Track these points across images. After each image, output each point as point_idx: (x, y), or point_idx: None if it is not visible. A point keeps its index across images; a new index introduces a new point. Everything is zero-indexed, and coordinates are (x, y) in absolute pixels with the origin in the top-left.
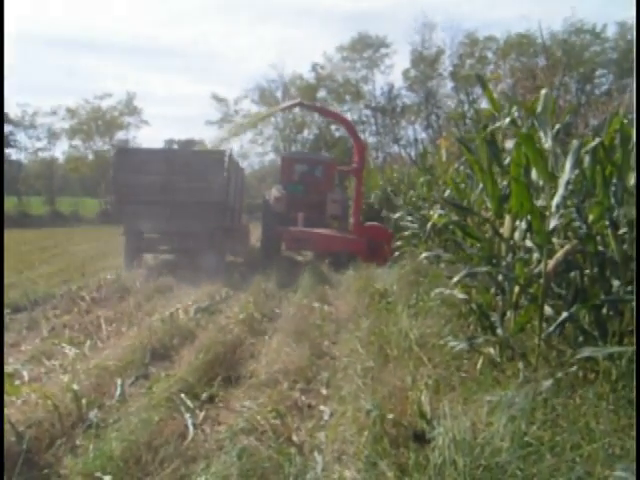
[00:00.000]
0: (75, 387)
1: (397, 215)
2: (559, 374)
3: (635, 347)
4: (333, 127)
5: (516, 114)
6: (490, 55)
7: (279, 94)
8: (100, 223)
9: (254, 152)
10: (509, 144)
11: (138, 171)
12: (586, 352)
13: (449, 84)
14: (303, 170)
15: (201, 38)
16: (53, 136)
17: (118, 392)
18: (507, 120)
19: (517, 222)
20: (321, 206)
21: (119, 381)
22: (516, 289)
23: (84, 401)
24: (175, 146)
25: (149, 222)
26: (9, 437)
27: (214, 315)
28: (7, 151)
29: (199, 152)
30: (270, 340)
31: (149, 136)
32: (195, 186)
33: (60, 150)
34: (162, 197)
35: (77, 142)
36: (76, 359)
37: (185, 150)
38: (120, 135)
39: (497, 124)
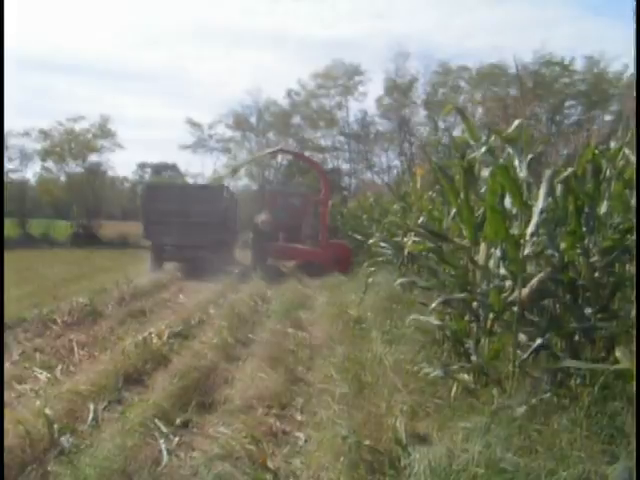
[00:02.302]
0: (47, 412)
1: (371, 241)
2: (533, 400)
3: (635, 348)
4: (307, 153)
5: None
6: (463, 84)
7: (253, 119)
8: (72, 246)
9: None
10: (485, 172)
11: (162, 200)
12: (568, 363)
13: (422, 112)
14: (285, 200)
15: (176, 62)
16: (25, 157)
17: (91, 417)
18: (483, 149)
19: (492, 249)
20: (298, 228)
21: (92, 406)
22: (490, 316)
23: (56, 426)
24: (147, 169)
25: (169, 237)
26: None
27: (188, 340)
28: None
29: (205, 186)
30: (244, 365)
31: (123, 159)
32: (202, 211)
33: (32, 172)
34: (178, 219)
35: (49, 164)
36: (48, 383)
37: (195, 185)
38: (93, 158)
39: (475, 153)
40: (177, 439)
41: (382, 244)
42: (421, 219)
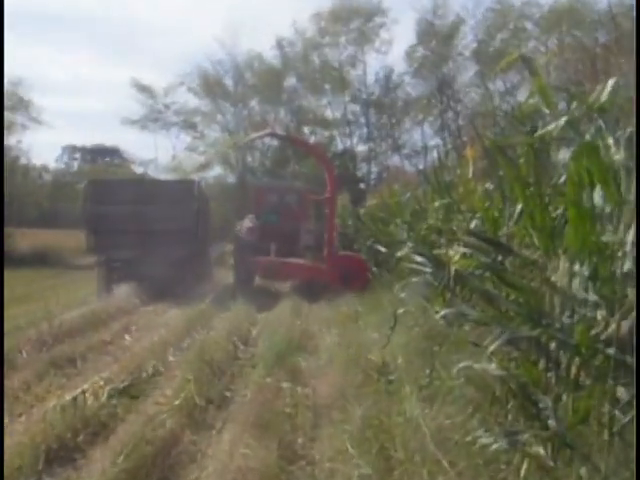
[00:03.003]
0: None
1: (401, 253)
2: None
3: (635, 348)
4: (306, 129)
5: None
6: (530, 27)
7: (229, 81)
8: None
9: (190, 164)
10: (564, 154)
11: (111, 202)
12: None
13: (471, 67)
14: (276, 200)
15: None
16: None
17: None
18: (562, 121)
19: (576, 265)
20: (294, 236)
21: None
22: (576, 361)
23: None
24: (77, 154)
25: (121, 250)
26: None
27: (137, 400)
28: None
29: (169, 183)
30: (219, 437)
31: (42, 140)
32: (166, 215)
33: None
34: (133, 226)
35: None
36: None
37: (156, 181)
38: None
39: (549, 126)
40: None
41: (417, 258)
42: (473, 223)
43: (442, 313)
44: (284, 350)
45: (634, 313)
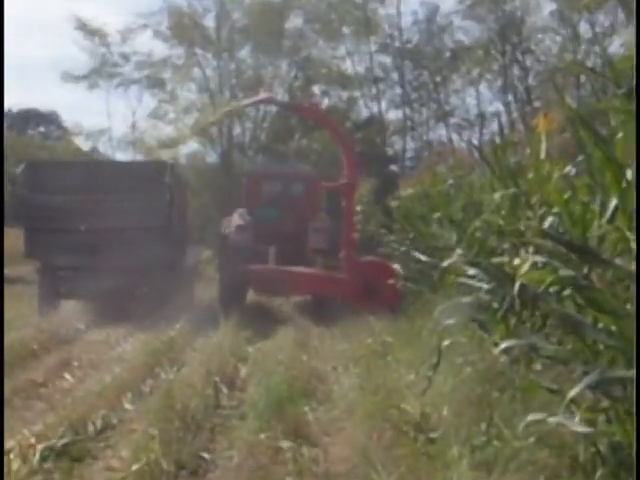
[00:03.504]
0: None
1: (447, 263)
2: None
3: (635, 348)
4: (317, 89)
5: None
6: None
7: (210, 23)
8: None
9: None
10: None
11: (56, 191)
12: None
13: (547, 6)
14: (276, 189)
15: None
16: None
17: None
18: None
19: None
20: (301, 237)
21: None
22: None
23: None
24: None
25: (69, 256)
26: None
27: (81, 463)
28: None
29: (131, 164)
30: None
31: None
32: (129, 208)
33: None
34: (85, 223)
35: None
36: None
37: (116, 162)
38: None
39: None
40: None
41: (469, 270)
42: (548, 221)
43: (504, 346)
44: (285, 396)
45: None
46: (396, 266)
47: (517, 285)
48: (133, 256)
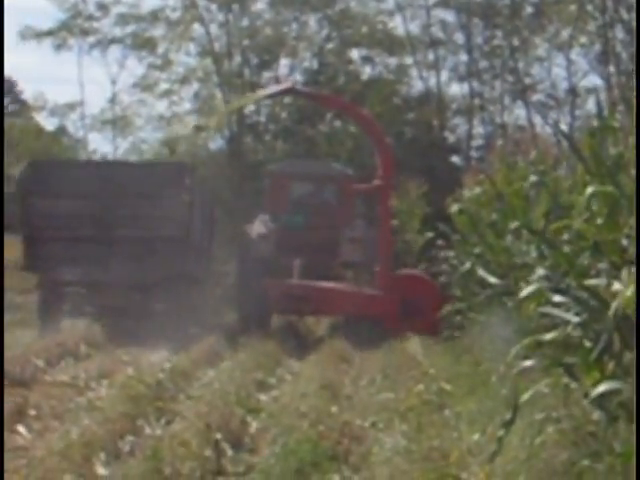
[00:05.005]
0: None
1: (527, 291)
2: None
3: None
4: (356, 54)
5: None
6: None
7: None
8: None
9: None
10: None
11: (60, 195)
12: None
13: None
14: (304, 192)
15: None
16: None
17: None
18: None
19: None
20: (331, 248)
21: None
22: None
23: None
24: None
25: (74, 269)
26: None
27: None
28: None
29: (147, 165)
30: None
31: None
32: (141, 214)
33: None
34: (93, 231)
35: None
36: None
37: (127, 163)
38: None
39: None
40: None
41: (555, 298)
42: None
43: (600, 390)
44: (308, 461)
45: None
46: (455, 289)
47: (620, 312)
48: (146, 270)
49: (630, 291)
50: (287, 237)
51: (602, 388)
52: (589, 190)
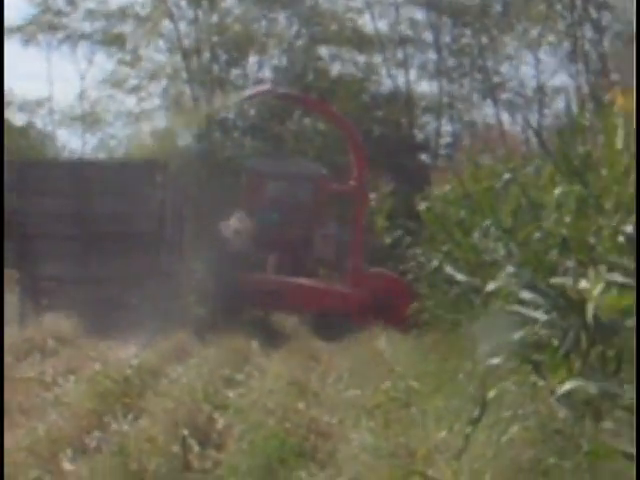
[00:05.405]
0: None
1: (494, 286)
2: None
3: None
4: (325, 51)
5: None
6: None
7: None
8: None
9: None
10: None
11: (42, 193)
12: None
13: None
14: (280, 190)
15: None
16: None
17: None
18: None
19: None
20: (305, 245)
21: None
22: None
23: None
24: None
25: (53, 265)
26: None
27: None
28: None
29: (121, 164)
30: None
31: None
32: (116, 211)
33: None
34: (70, 228)
35: None
36: None
37: (102, 161)
38: None
39: None
40: None
41: (524, 294)
42: (627, 230)
43: (566, 388)
44: (275, 457)
45: None
46: (422, 287)
47: (590, 311)
48: (121, 265)
49: (598, 289)
50: (262, 233)
51: (568, 386)
52: (558, 190)
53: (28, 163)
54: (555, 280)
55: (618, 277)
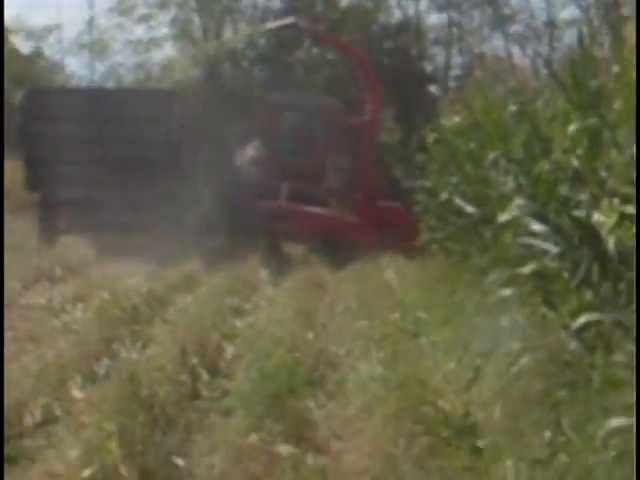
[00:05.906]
0: None
1: (505, 217)
2: None
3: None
4: None
5: None
6: None
7: None
8: None
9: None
10: None
11: (58, 120)
12: None
13: None
14: (296, 121)
15: None
16: None
17: None
18: None
19: None
20: (318, 175)
21: None
22: None
23: None
24: None
25: (71, 188)
26: None
27: (16, 466)
28: None
29: (138, 92)
30: None
31: None
32: (132, 138)
33: None
34: (89, 154)
35: None
36: None
37: (119, 89)
38: None
39: None
40: None
41: (533, 226)
42: None
43: (580, 322)
44: (284, 386)
45: None
46: (431, 219)
47: (611, 241)
48: (136, 191)
49: (612, 221)
50: (277, 163)
51: (583, 319)
52: (572, 126)
53: (47, 90)
54: (569, 211)
55: (631, 209)
